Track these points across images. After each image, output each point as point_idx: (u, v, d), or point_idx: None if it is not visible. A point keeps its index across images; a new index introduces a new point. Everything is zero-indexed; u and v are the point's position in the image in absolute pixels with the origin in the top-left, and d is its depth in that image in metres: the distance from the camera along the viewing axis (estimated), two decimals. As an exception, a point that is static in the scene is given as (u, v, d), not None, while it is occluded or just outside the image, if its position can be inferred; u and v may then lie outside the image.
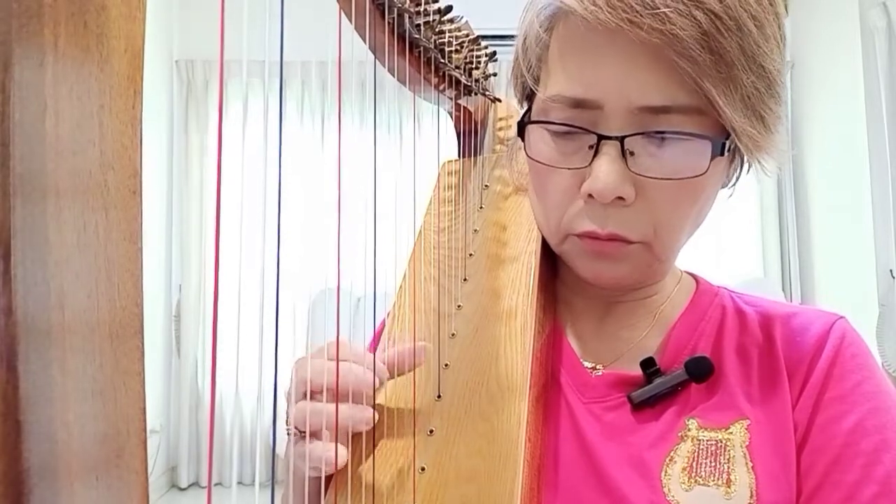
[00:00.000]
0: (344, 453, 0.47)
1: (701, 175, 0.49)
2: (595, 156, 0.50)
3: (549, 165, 0.52)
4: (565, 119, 0.51)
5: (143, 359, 0.25)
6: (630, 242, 0.51)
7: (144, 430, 0.25)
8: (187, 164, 3.46)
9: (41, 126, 0.20)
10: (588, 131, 0.50)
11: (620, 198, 0.49)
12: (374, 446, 0.50)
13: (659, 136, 0.49)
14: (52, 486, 0.22)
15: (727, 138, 0.49)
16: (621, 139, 0.49)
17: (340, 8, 0.45)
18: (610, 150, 0.49)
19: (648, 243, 0.52)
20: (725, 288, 0.63)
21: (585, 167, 0.50)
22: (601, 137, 0.49)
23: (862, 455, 0.50)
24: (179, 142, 3.48)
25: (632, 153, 0.49)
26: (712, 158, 0.49)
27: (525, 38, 0.54)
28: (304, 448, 0.47)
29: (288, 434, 0.50)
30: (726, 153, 0.50)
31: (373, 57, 0.53)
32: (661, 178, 0.49)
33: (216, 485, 3.26)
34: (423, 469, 0.49)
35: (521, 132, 0.55)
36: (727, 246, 3.38)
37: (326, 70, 3.24)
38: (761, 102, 0.49)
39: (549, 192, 0.54)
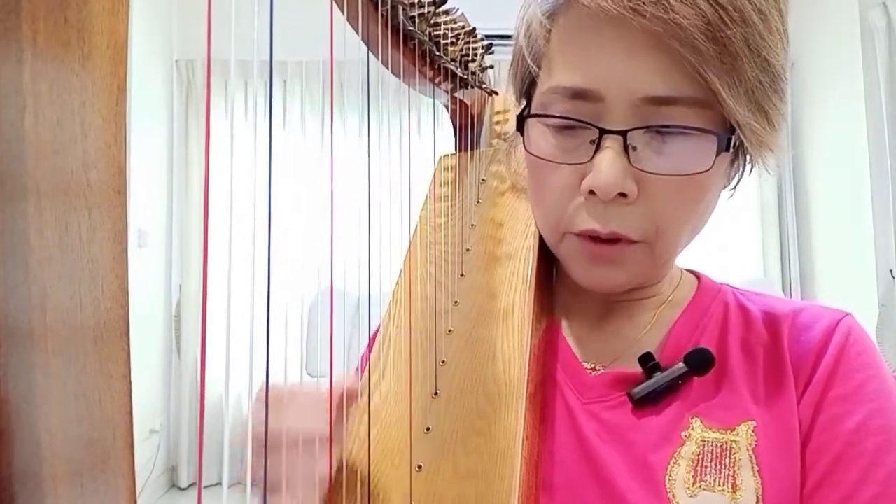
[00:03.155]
0: None
1: (705, 171, 0.48)
2: (596, 151, 0.49)
3: (548, 161, 0.51)
4: (565, 112, 0.50)
5: (129, 361, 0.24)
6: (631, 242, 0.50)
7: (131, 433, 0.24)
8: (187, 163, 3.46)
9: (20, 124, 0.19)
10: (589, 125, 0.49)
11: (623, 194, 0.48)
12: (371, 444, 0.50)
13: (662, 131, 0.48)
14: (36, 493, 0.21)
15: (732, 134, 0.49)
16: (624, 133, 0.48)
17: (333, 0, 0.45)
18: (612, 145, 0.48)
19: (650, 243, 0.51)
20: (728, 285, 0.63)
21: (586, 163, 0.49)
22: (603, 131, 0.48)
23: (864, 455, 0.49)
24: (179, 142, 3.48)
25: (634, 148, 0.48)
26: (717, 154, 0.48)
27: (528, 28, 0.53)
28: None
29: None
30: (731, 149, 0.49)
31: (367, 54, 0.52)
32: (665, 175, 0.48)
33: (215, 485, 3.26)
34: (419, 467, 0.48)
35: (520, 127, 0.54)
36: (727, 246, 3.37)
37: (327, 70, 3.23)
38: (765, 97, 0.48)
39: (548, 189, 0.53)
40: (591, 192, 0.49)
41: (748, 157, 0.54)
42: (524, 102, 0.58)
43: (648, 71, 0.47)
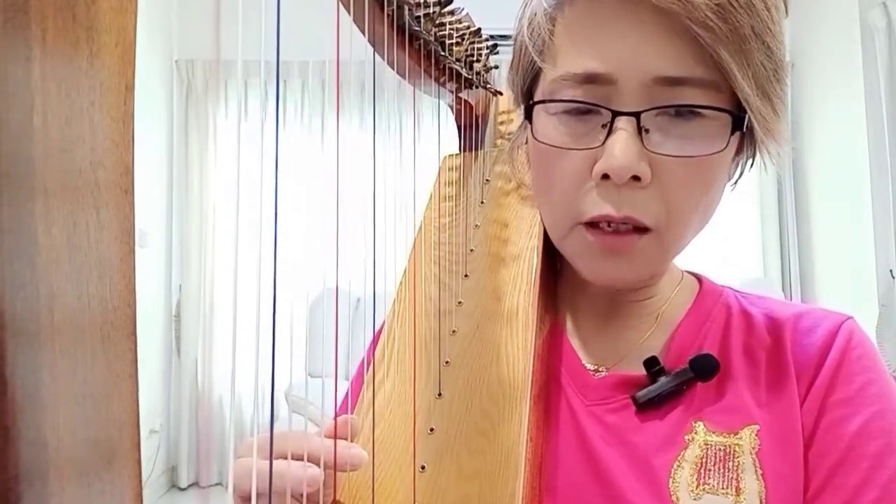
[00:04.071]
0: None
1: (719, 152, 0.48)
2: (609, 134, 0.48)
3: (558, 147, 0.51)
4: (575, 97, 0.50)
5: (136, 361, 0.24)
6: (644, 229, 0.50)
7: (138, 434, 0.24)
8: (187, 164, 3.46)
9: (29, 123, 0.19)
10: (601, 107, 0.49)
11: (636, 178, 0.48)
12: (374, 444, 0.50)
13: (675, 113, 0.48)
14: (42, 493, 0.21)
15: (744, 115, 0.49)
16: (637, 115, 0.48)
17: (339, 0, 0.44)
18: (626, 127, 0.48)
19: (659, 232, 0.50)
20: (730, 288, 0.62)
21: (598, 147, 0.49)
22: (616, 114, 0.48)
23: (866, 458, 0.49)
24: (179, 142, 3.48)
25: (647, 131, 0.48)
26: (731, 134, 0.48)
27: (530, 22, 0.53)
28: None
29: None
30: (744, 129, 0.49)
31: (373, 54, 0.52)
32: (679, 157, 0.48)
33: (216, 485, 3.26)
34: (423, 468, 0.48)
35: (528, 115, 0.53)
36: (727, 246, 3.37)
37: (326, 70, 3.23)
38: (769, 83, 0.49)
39: (556, 177, 0.52)
40: (604, 177, 0.49)
41: (752, 148, 0.54)
42: (523, 103, 0.58)
43: (660, 52, 0.47)
